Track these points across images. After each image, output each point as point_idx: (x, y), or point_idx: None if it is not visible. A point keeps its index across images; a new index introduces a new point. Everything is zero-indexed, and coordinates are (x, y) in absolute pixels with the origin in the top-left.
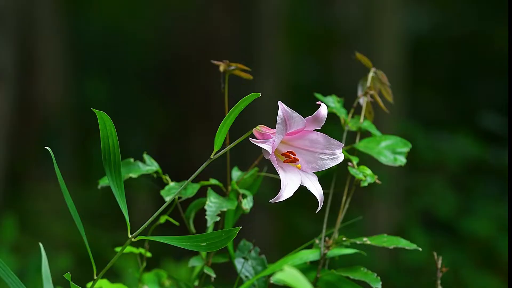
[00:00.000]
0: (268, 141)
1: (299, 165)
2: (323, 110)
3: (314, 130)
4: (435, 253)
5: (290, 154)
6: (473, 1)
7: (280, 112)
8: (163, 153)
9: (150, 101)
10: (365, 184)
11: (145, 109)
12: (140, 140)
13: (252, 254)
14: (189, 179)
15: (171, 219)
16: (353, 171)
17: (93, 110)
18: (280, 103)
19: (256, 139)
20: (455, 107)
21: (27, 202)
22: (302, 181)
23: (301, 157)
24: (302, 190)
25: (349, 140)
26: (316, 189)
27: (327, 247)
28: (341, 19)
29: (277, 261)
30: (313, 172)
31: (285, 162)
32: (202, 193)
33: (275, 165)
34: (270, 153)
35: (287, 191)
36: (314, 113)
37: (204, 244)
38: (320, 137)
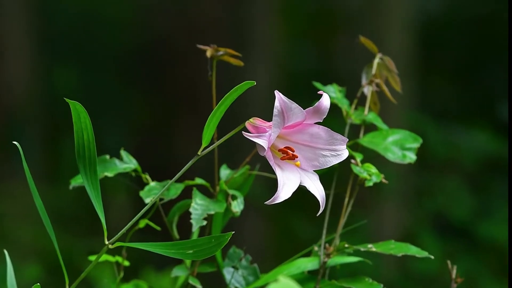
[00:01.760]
0: (263, 135)
1: (298, 162)
2: (325, 101)
3: (315, 123)
4: (449, 262)
5: (288, 150)
6: None
7: (277, 103)
8: (143, 149)
9: (129, 90)
10: (370, 183)
11: (124, 99)
12: (118, 135)
13: (243, 262)
14: (173, 179)
15: (151, 224)
16: (357, 169)
17: (66, 100)
18: (277, 93)
19: (250, 133)
20: (472, 97)
21: None
22: (302, 181)
23: (300, 153)
24: (300, 191)
25: (352, 134)
26: (317, 190)
27: (328, 255)
28: None
29: (271, 271)
30: (314, 171)
31: (282, 159)
32: (186, 194)
33: (271, 162)
34: (266, 149)
35: (284, 192)
36: (315, 104)
37: (190, 251)
38: (321, 131)
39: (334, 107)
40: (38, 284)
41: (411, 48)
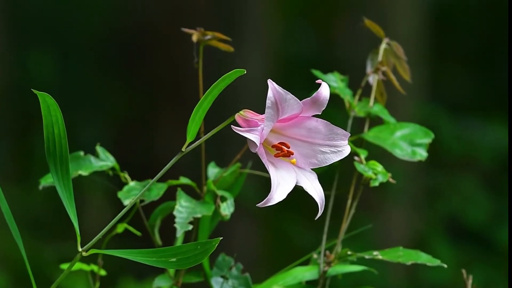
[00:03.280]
0: (255, 129)
1: (294, 160)
2: (324, 91)
3: (313, 116)
4: (463, 271)
5: (283, 146)
6: None
7: (270, 93)
8: (122, 144)
9: (106, 79)
10: (376, 183)
11: (100, 89)
12: (93, 128)
13: (233, 271)
14: (154, 178)
15: (131, 228)
16: (361, 167)
17: (35, 91)
18: (270, 82)
19: (240, 127)
20: (489, 87)
21: None
22: (298, 180)
23: (296, 150)
24: (297, 191)
25: (356, 128)
26: (315, 190)
27: (328, 263)
28: None
29: (264, 281)
30: (312, 169)
31: (276, 156)
32: (170, 195)
33: (264, 160)
34: (258, 144)
35: (279, 193)
36: (313, 95)
37: (173, 259)
38: (320, 124)
39: (335, 98)
40: None
41: (422, 32)
